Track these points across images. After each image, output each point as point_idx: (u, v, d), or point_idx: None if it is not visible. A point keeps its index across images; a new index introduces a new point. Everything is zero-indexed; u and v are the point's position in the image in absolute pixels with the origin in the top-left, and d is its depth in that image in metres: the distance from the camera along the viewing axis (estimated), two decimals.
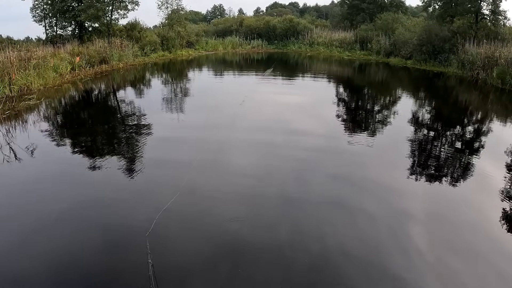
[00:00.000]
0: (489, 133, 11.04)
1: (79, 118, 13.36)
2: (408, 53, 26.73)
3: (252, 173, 7.66)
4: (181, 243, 5.17)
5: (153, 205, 6.13)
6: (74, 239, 5.26)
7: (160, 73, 25.89)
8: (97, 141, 10.43)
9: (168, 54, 33.28)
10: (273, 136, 10.12)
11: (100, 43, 25.88)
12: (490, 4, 24.47)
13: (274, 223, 5.68)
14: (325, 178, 7.44)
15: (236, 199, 6.54)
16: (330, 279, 4.48)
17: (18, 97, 14.44)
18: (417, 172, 7.81)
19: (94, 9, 26.77)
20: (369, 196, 6.69)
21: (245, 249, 5.02)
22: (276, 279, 4.44)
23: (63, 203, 6.33)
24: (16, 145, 9.36)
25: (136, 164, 8.09)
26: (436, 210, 6.21)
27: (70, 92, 17.41)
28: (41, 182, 7.39)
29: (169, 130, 11.10)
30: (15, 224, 5.70)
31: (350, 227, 5.65)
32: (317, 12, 76.24)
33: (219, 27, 49.12)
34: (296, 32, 42.27)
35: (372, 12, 37.64)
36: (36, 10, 30.30)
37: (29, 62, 17.25)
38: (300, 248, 5.05)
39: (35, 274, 4.52)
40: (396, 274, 4.53)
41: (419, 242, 5.17)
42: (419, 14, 41.62)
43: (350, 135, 10.57)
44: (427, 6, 28.42)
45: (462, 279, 4.53)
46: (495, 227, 5.66)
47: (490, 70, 18.74)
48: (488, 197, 6.74)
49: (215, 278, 4.48)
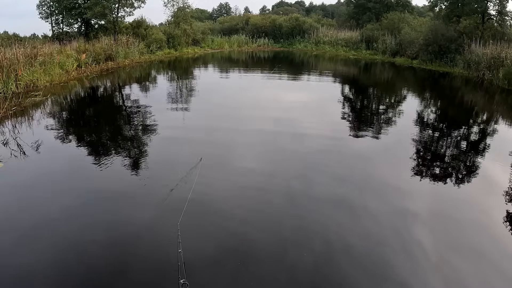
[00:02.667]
0: (494, 134, 11.00)
1: (85, 114, 13.45)
2: (414, 53, 26.65)
3: (257, 169, 7.69)
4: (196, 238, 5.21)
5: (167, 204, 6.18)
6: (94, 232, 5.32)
7: (166, 71, 25.96)
8: (103, 137, 10.50)
9: (174, 51, 33.38)
10: (278, 134, 10.16)
11: (106, 41, 26.01)
12: (496, 5, 24.37)
13: (279, 221, 5.72)
14: (330, 176, 7.45)
15: (241, 195, 6.58)
16: (334, 276, 4.51)
17: (24, 93, 14.52)
18: (422, 172, 7.80)
19: (101, 6, 26.91)
20: (374, 195, 6.69)
21: (251, 245, 5.07)
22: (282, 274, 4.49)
23: (69, 198, 6.40)
24: (22, 140, 9.44)
25: (140, 161, 8.16)
26: (441, 210, 6.20)
27: (76, 88, 17.51)
28: (47, 177, 7.45)
29: (175, 127, 11.09)
30: (25, 218, 5.75)
31: (354, 225, 5.66)
32: (323, 11, 76.08)
33: (225, 25, 49.18)
34: (302, 31, 42.25)
35: (378, 11, 37.56)
36: (42, 7, 30.56)
37: (35, 59, 17.34)
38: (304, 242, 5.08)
39: (43, 267, 4.59)
40: (400, 273, 4.56)
41: (424, 241, 5.17)
42: (426, 14, 41.46)
43: (355, 134, 10.56)
44: (433, 6, 28.30)
45: (466, 278, 4.54)
46: (499, 227, 5.66)
47: (496, 70, 18.64)
48: (493, 198, 6.73)
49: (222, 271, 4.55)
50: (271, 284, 4.38)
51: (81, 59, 21.50)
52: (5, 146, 9.04)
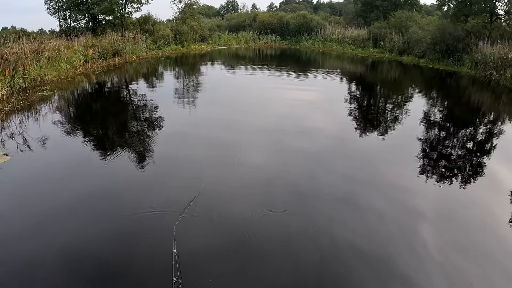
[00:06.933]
0: (500, 134, 10.93)
1: (92, 109, 13.53)
2: (421, 51, 26.49)
3: (261, 166, 7.73)
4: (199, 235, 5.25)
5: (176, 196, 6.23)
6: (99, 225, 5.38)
7: (173, 66, 26.05)
8: (109, 132, 10.59)
9: (181, 48, 33.44)
10: (284, 132, 10.18)
11: (113, 36, 26.12)
12: (505, 4, 24.14)
13: (284, 217, 5.75)
14: (335, 174, 7.47)
15: (247, 192, 6.63)
16: (339, 273, 4.55)
17: (31, 88, 14.64)
18: (428, 171, 7.79)
19: (108, 2, 26.94)
20: (379, 193, 6.71)
21: (257, 242, 5.10)
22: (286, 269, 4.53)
23: (74, 192, 6.47)
24: (28, 134, 9.54)
25: (147, 158, 8.22)
26: (447, 209, 6.21)
27: (83, 83, 17.63)
28: (53, 171, 7.54)
29: (182, 123, 11.17)
30: (30, 212, 5.83)
31: (359, 223, 5.68)
32: (330, 9, 75.91)
33: (232, 22, 49.14)
34: (309, 28, 42.07)
35: (386, 9, 37.34)
36: (50, 3, 30.66)
37: (43, 54, 17.45)
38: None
39: (51, 257, 4.66)
40: (404, 271, 4.58)
41: (429, 241, 5.19)
42: (434, 13, 41.22)
43: (361, 132, 10.57)
44: (441, 4, 28.10)
45: (470, 278, 4.55)
46: (505, 227, 5.67)
47: (504, 70, 18.51)
48: (499, 198, 6.73)
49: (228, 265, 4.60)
50: (276, 280, 4.42)
51: (88, 55, 21.61)
52: (12, 139, 9.13)
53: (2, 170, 7.37)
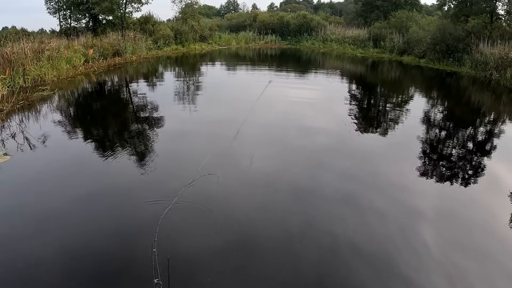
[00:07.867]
0: (501, 134, 10.93)
1: (92, 109, 13.54)
2: (422, 51, 26.49)
3: (262, 164, 7.73)
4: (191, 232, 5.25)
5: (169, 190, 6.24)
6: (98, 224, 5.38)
7: (173, 66, 26.03)
8: (109, 131, 10.58)
9: (181, 47, 33.46)
10: (284, 131, 10.20)
11: (113, 36, 26.13)
12: (505, 5, 24.14)
13: (285, 216, 5.75)
14: (336, 174, 7.47)
15: (248, 190, 6.63)
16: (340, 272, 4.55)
17: (32, 87, 14.64)
18: (428, 171, 7.78)
19: (108, 2, 26.97)
20: (379, 193, 6.71)
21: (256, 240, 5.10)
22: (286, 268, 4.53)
23: (74, 192, 6.47)
24: (29, 134, 9.53)
25: (149, 156, 8.21)
26: (447, 209, 6.21)
27: (83, 83, 17.63)
28: (53, 171, 7.54)
29: (182, 123, 11.15)
30: (30, 211, 5.83)
31: (359, 222, 5.69)
32: (331, 9, 75.96)
33: (232, 22, 49.17)
34: (310, 28, 42.07)
35: (386, 9, 37.35)
36: (50, 2, 30.69)
37: (43, 54, 17.45)
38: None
39: (50, 258, 4.66)
40: (405, 271, 4.58)
41: (430, 240, 5.19)
42: (434, 13, 41.23)
43: (361, 132, 10.56)
44: (442, 5, 28.13)
45: (471, 278, 4.55)
46: (505, 227, 5.67)
47: (504, 71, 18.50)
48: (499, 197, 6.72)
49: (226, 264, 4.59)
50: (277, 279, 4.42)
51: (88, 54, 21.61)
52: (12, 139, 9.13)
53: (2, 169, 7.37)
